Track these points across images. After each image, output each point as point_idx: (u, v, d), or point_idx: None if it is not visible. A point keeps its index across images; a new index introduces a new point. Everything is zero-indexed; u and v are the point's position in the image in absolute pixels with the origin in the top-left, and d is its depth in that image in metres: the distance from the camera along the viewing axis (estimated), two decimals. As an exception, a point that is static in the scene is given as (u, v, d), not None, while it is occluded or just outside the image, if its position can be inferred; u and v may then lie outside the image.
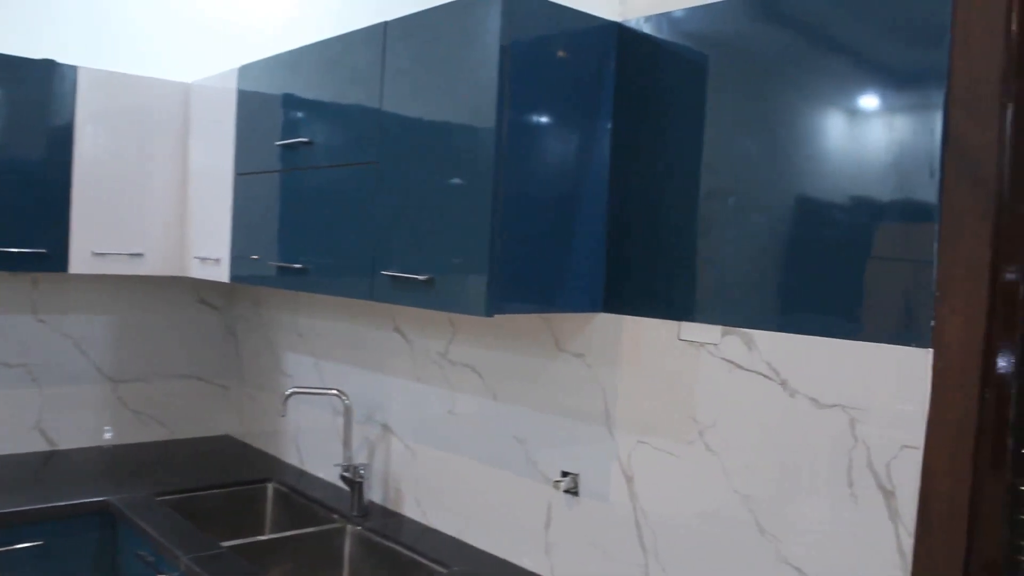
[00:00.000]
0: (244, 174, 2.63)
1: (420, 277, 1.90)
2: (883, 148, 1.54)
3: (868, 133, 1.56)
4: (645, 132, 1.91)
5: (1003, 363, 1.46)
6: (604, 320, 1.99)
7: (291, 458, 3.15)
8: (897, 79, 1.53)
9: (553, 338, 2.11)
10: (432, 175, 1.90)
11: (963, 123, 1.45)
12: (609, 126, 1.96)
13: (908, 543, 1.48)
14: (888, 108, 1.54)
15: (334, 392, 2.67)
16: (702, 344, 1.79)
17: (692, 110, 1.83)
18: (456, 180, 1.84)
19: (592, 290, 1.97)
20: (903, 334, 1.50)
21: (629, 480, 1.93)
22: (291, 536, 2.48)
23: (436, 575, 2.18)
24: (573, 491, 2.06)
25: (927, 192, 1.48)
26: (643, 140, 1.92)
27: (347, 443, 2.66)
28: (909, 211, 1.51)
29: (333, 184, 2.21)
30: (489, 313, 1.77)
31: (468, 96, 1.82)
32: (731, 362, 1.74)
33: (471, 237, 1.80)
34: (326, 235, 2.23)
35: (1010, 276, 1.45)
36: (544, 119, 1.85)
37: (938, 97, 1.47)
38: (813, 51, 1.64)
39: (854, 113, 1.59)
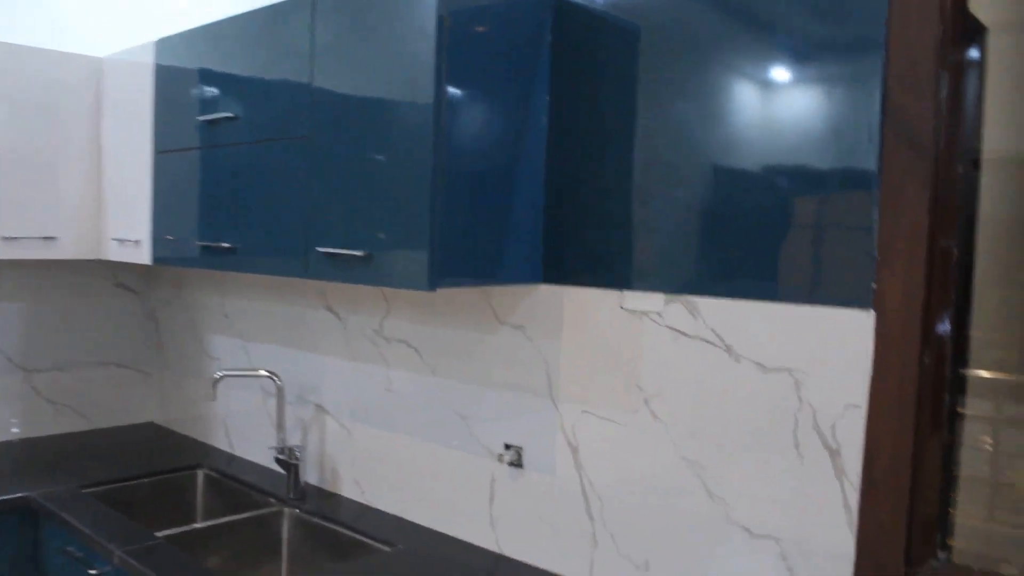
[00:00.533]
0: (165, 152, 2.53)
1: (358, 253, 1.86)
2: (823, 117, 1.56)
3: (808, 102, 1.58)
4: (582, 102, 1.91)
5: (941, 324, 1.51)
6: (544, 292, 1.99)
7: (220, 443, 3.07)
8: (836, 50, 1.55)
9: (492, 311, 2.10)
10: (367, 150, 1.86)
11: (901, 92, 1.48)
12: (546, 97, 1.95)
13: (854, 499, 1.53)
14: (827, 78, 1.56)
15: (266, 374, 2.61)
16: (645, 313, 1.81)
17: (629, 80, 1.83)
18: (393, 155, 1.81)
19: (532, 262, 1.97)
20: (845, 297, 1.53)
21: (574, 450, 1.94)
22: (227, 522, 2.42)
23: (381, 554, 2.16)
24: (517, 464, 2.06)
25: (867, 160, 1.51)
26: (580, 111, 1.91)
27: (280, 425, 2.60)
28: (849, 178, 1.53)
29: (262, 160, 2.15)
30: (432, 287, 1.74)
31: (404, 68, 1.78)
32: (675, 330, 1.76)
33: (410, 211, 1.77)
34: (255, 213, 2.17)
35: (946, 240, 1.50)
36: (481, 91, 1.83)
37: (876, 67, 1.49)
38: (752, 22, 1.65)
39: (794, 83, 1.60)
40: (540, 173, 1.96)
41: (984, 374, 3.11)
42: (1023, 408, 3.38)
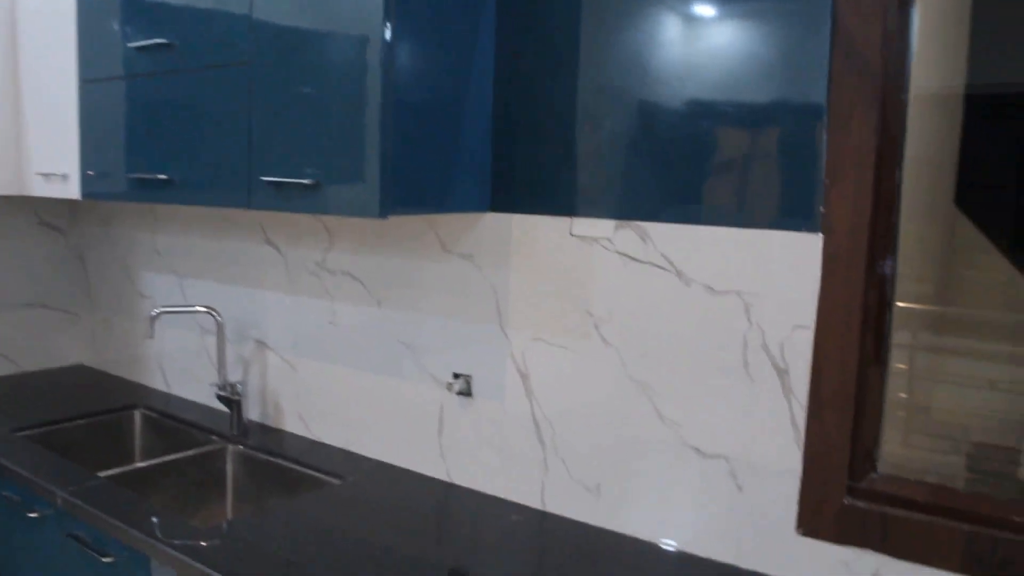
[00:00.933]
0: (92, 81, 2.43)
1: (305, 182, 1.82)
2: (774, 43, 1.57)
3: (759, 29, 1.59)
4: (530, 31, 1.89)
5: (886, 247, 1.56)
6: (492, 220, 1.98)
7: (156, 383, 3.01)
8: (786, -31, 1.56)
9: (439, 240, 2.09)
10: (313, 79, 1.81)
11: (850, 18, 1.50)
12: (493, 25, 1.92)
13: (801, 416, 1.57)
14: (778, 5, 1.57)
15: (204, 310, 2.56)
16: (595, 239, 1.82)
17: (576, 8, 1.81)
18: (341, 84, 1.76)
19: (480, 190, 1.96)
20: (794, 221, 1.56)
21: (524, 377, 1.96)
22: (170, 461, 2.39)
23: (330, 487, 2.16)
24: (466, 393, 2.07)
25: (816, 85, 1.53)
26: (528, 39, 1.89)
27: (221, 362, 2.56)
28: (799, 102, 1.55)
29: (200, 88, 2.07)
30: (383, 215, 1.72)
31: (349, -9, 1.73)
32: (625, 255, 1.77)
33: (360, 141, 1.73)
34: (194, 143, 2.10)
35: (892, 162, 1.53)
36: (429, 20, 1.79)
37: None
38: (702, -58, 1.65)
39: (746, 11, 1.61)
40: (488, 102, 1.95)
41: (905, 304, 3.21)
42: (938, 338, 3.52)
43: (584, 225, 1.83)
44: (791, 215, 1.57)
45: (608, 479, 1.84)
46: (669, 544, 1.76)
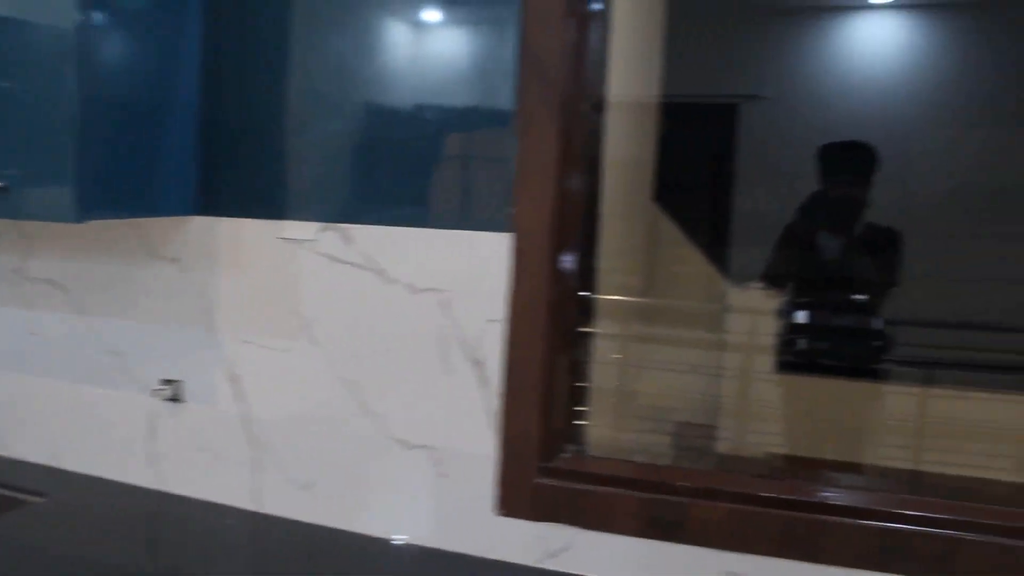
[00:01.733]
0: None
1: (-9, 184, 1.72)
2: (469, 55, 1.67)
3: (456, 41, 1.68)
4: (237, 33, 1.88)
5: (570, 247, 1.70)
6: (200, 223, 1.95)
7: None
8: (473, -14, 1.66)
9: (145, 245, 2.03)
10: (3, 71, 1.71)
11: (533, 30, 1.62)
12: (199, 25, 1.89)
13: (495, 404, 1.68)
14: (472, 19, 1.67)
15: None
16: (301, 241, 1.84)
17: (284, 12, 1.83)
18: (30, 80, 1.68)
19: (186, 193, 1.92)
20: (488, 222, 1.67)
21: (235, 380, 1.94)
22: None
23: (31, 506, 2.04)
24: (176, 399, 2.02)
25: (505, 93, 1.64)
26: (234, 41, 1.88)
27: (-97, 379, 2.35)
28: (491, 112, 1.66)
29: None
30: (80, 219, 1.66)
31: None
32: (330, 256, 1.81)
33: (53, 141, 1.66)
34: None
35: (574, 166, 1.67)
36: (129, 15, 1.75)
37: (514, 11, 1.63)
38: (395, -46, 1.72)
39: (444, 23, 1.70)
40: (193, 102, 1.91)
41: (612, 297, 3.48)
42: (647, 327, 3.83)
43: (291, 228, 1.85)
44: (485, 216, 1.67)
45: (322, 477, 1.87)
46: (386, 535, 1.82)
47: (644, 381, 3.64)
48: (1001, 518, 1.50)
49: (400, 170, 1.74)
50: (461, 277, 1.69)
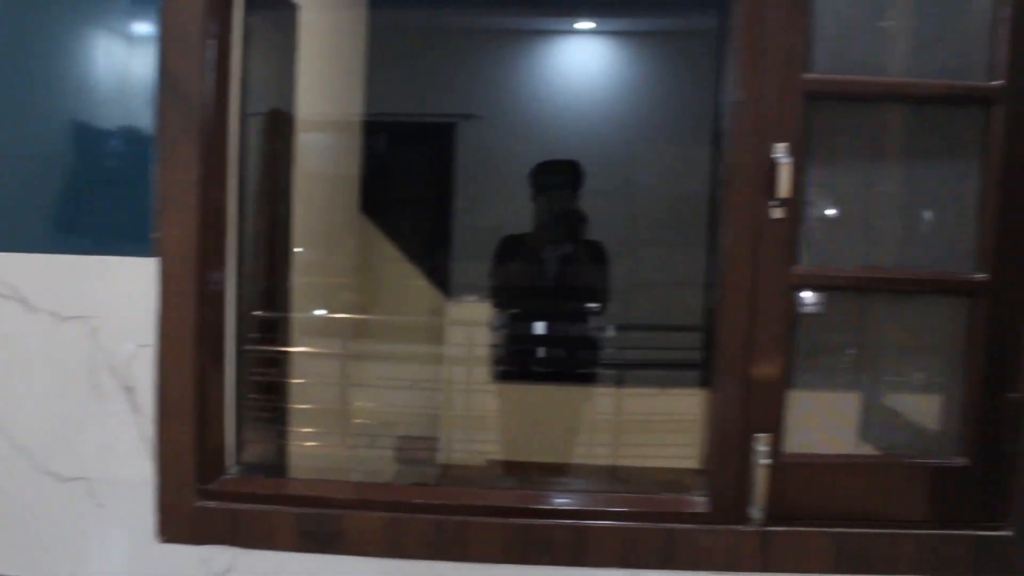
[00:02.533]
0: None
1: None
2: (108, 76, 1.65)
3: (97, 57, 1.66)
4: None
5: (217, 265, 1.71)
6: None
7: None
8: (116, 14, 1.65)
9: None
10: None
11: (173, 55, 1.63)
12: None
13: (150, 429, 1.67)
14: (109, 41, 1.65)
15: None
16: (-58, 271, 1.75)
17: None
18: None
19: None
20: (133, 246, 1.65)
21: None
22: None
23: None
24: None
25: (147, 117, 1.64)
26: None
27: None
28: (134, 134, 1.65)
29: None
30: None
31: None
32: (-28, 286, 1.73)
33: None
34: None
35: (215, 189, 1.69)
36: None
37: (155, 32, 1.63)
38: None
39: (84, 36, 1.66)
40: None
41: (334, 315, 3.51)
42: (366, 344, 3.88)
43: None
44: (131, 241, 1.65)
45: (-27, 518, 1.78)
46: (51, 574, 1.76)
47: (368, 398, 3.69)
48: (626, 504, 1.66)
49: (45, 194, 1.69)
50: (110, 303, 1.67)
